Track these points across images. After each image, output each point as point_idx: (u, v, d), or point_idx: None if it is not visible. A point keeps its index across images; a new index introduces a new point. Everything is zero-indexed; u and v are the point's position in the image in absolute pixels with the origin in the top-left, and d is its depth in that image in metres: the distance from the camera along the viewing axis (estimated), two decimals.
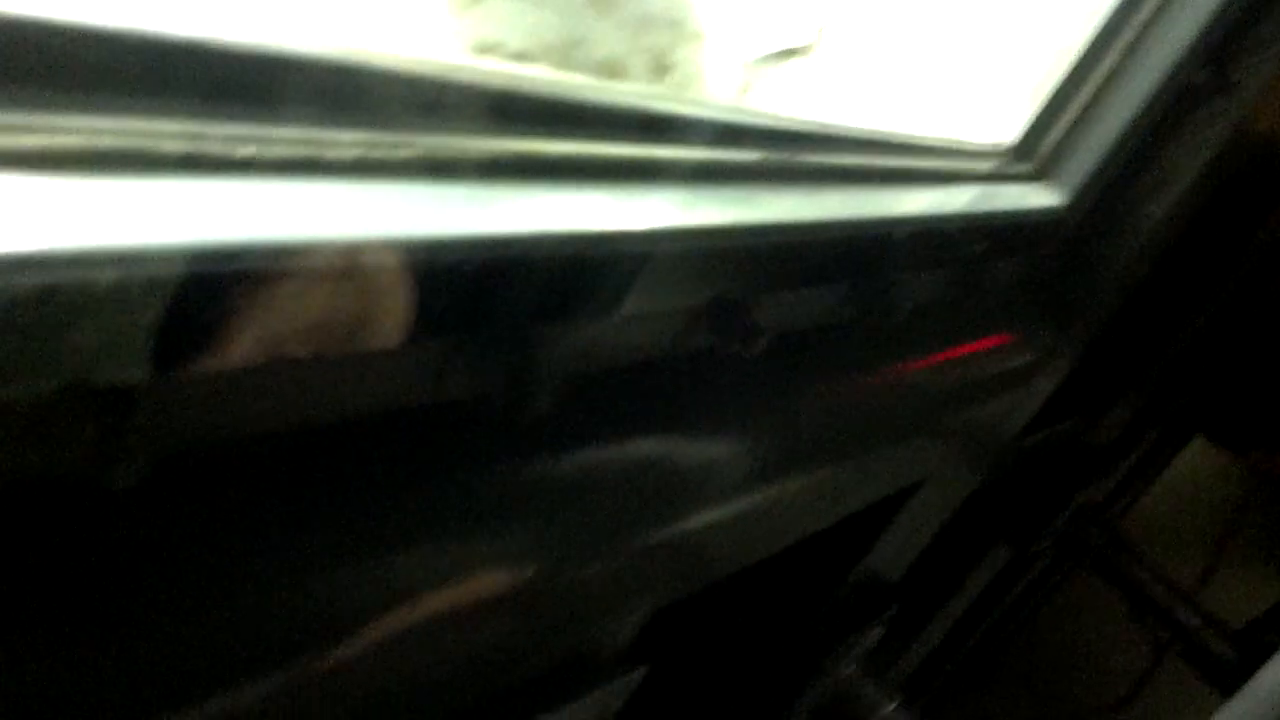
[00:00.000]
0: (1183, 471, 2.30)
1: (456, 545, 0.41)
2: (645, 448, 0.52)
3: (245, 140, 0.31)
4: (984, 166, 0.80)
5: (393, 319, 0.36)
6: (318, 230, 0.32)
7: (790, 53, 1.13)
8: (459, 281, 0.38)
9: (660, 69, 0.61)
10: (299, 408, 0.35)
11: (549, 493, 0.47)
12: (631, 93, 0.50)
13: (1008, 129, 0.85)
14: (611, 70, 0.58)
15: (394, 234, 0.35)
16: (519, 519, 0.45)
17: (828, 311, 0.65)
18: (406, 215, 0.36)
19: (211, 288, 0.29)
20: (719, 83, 0.68)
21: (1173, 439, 2.09)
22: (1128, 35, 0.86)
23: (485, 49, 0.52)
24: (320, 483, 0.36)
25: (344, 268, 0.33)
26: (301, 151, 0.33)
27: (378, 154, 0.37)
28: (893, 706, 1.08)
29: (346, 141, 0.35)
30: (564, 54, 0.55)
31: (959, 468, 1.03)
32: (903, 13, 1.09)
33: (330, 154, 0.34)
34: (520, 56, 0.53)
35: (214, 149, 0.30)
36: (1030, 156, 0.84)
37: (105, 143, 0.28)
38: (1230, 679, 1.45)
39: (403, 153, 0.37)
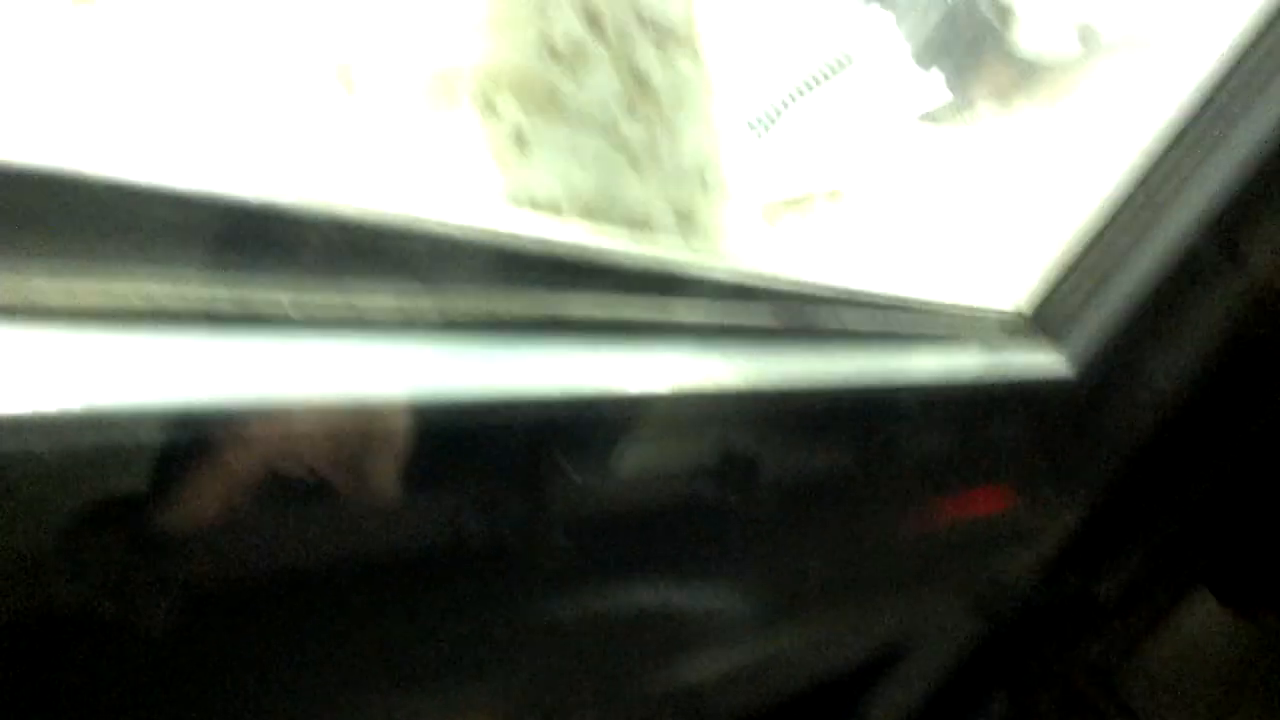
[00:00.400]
0: (1189, 630, 2.27)
1: (456, 691, 0.42)
2: (645, 597, 0.53)
3: (287, 297, 0.33)
4: (993, 330, 0.81)
5: (415, 465, 0.38)
6: (355, 385, 0.34)
7: (810, 200, 1.17)
8: (481, 433, 0.39)
9: (684, 220, 0.63)
10: (319, 551, 0.36)
11: (550, 639, 0.47)
12: (651, 251, 0.52)
13: (1017, 293, 0.86)
14: (639, 222, 0.60)
15: (421, 388, 0.37)
16: (519, 665, 0.46)
17: (831, 465, 0.66)
18: (435, 369, 0.38)
19: (246, 438, 0.31)
20: (739, 234, 0.70)
21: (1179, 597, 2.07)
22: (1138, 204, 0.89)
23: (523, 202, 0.54)
24: (334, 624, 0.37)
25: (374, 420, 0.35)
26: (340, 309, 0.35)
27: (412, 310, 0.38)
28: None
29: (383, 297, 0.37)
30: (597, 207, 0.58)
31: (957, 621, 1.03)
32: (921, 171, 1.12)
33: (367, 309, 0.36)
34: (555, 209, 0.56)
35: (260, 306, 0.32)
36: (1040, 321, 0.86)
37: (160, 299, 0.30)
38: None
39: (434, 309, 0.39)
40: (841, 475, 0.67)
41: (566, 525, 0.46)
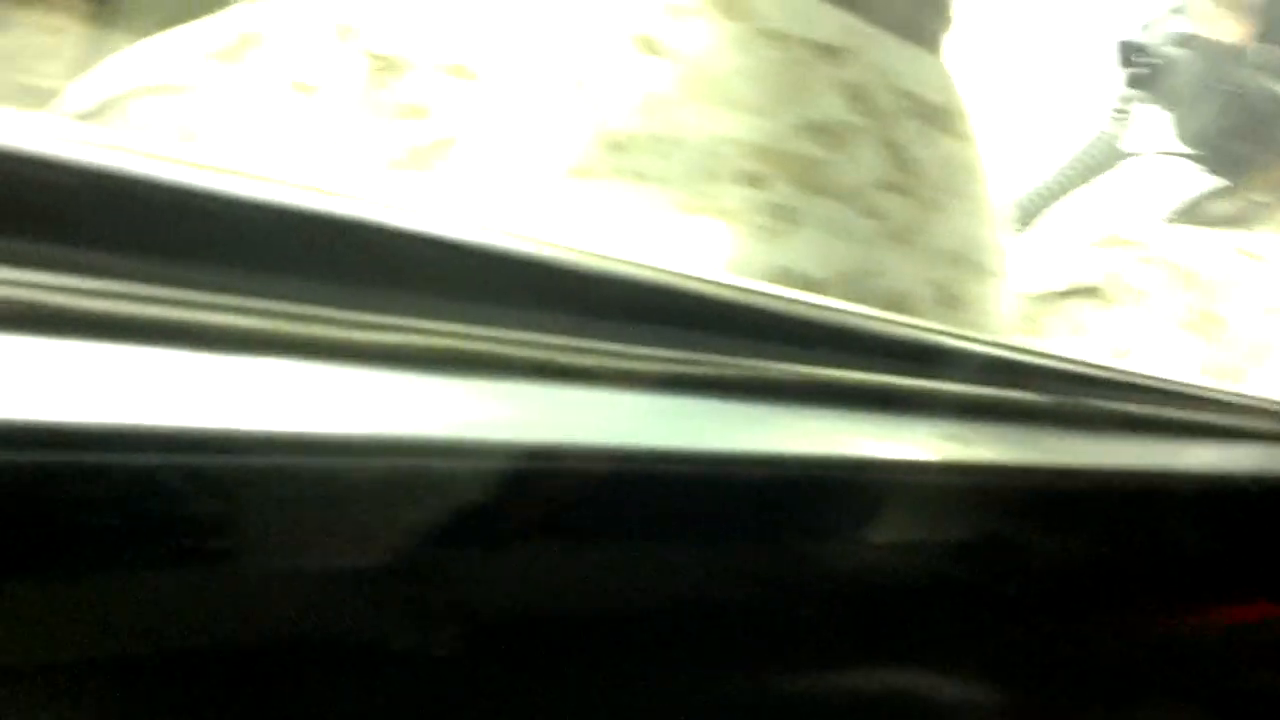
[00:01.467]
0: None
1: None
2: (892, 678, 0.52)
3: (584, 352, 0.35)
4: (1275, 425, 0.76)
5: (680, 519, 0.39)
6: (631, 437, 0.35)
7: (1086, 291, 1.14)
8: (743, 492, 0.40)
9: (947, 302, 0.63)
10: (587, 594, 0.38)
11: (789, 712, 0.47)
12: (916, 323, 0.52)
13: None
14: (898, 301, 0.60)
15: (688, 444, 0.38)
16: None
17: (1089, 555, 0.64)
18: (702, 428, 0.39)
19: (536, 480, 0.33)
20: (1003, 316, 0.69)
21: None
22: None
23: (786, 274, 0.55)
24: (595, 668, 0.38)
25: (647, 471, 0.36)
26: (622, 364, 0.37)
27: (682, 370, 0.40)
28: None
29: (658, 357, 0.38)
30: (856, 283, 0.58)
31: None
32: (1200, 257, 1.07)
33: (644, 368, 0.38)
34: (813, 284, 0.56)
35: (561, 358, 0.34)
36: None
37: (468, 345, 0.32)
38: None
39: (702, 370, 0.40)
40: (1099, 567, 0.64)
41: (818, 593, 0.46)
